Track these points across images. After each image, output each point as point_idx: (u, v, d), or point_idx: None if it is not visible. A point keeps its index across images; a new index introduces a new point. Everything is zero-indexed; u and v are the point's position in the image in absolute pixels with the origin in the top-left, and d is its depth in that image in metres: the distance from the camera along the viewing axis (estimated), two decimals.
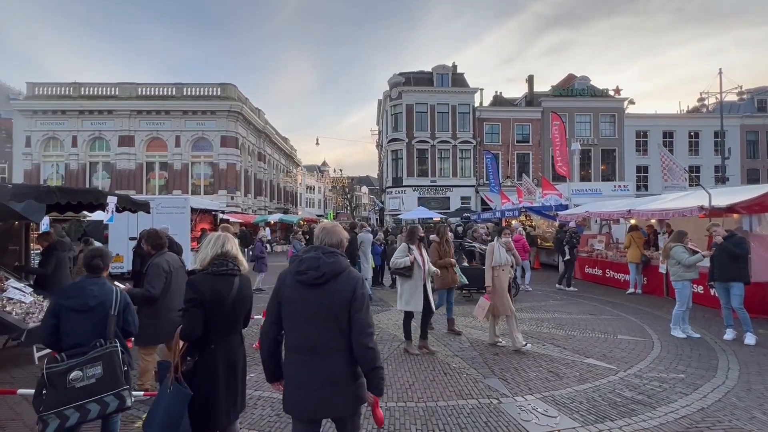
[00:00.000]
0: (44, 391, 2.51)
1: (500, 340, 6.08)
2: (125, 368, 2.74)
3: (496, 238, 6.29)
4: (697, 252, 6.50)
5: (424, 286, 5.67)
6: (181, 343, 2.49)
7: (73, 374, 2.52)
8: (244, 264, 2.67)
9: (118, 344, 2.74)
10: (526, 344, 5.76)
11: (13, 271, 6.39)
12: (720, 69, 21.04)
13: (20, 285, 5.74)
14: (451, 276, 6.67)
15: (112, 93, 29.05)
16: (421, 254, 5.76)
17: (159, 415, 2.34)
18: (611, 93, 34.47)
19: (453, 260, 6.74)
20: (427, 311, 5.75)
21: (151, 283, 4.06)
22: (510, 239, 6.27)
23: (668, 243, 7.00)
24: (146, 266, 4.25)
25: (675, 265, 6.57)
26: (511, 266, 6.11)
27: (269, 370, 2.32)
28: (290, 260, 11.40)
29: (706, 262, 6.64)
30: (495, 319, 6.05)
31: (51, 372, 2.51)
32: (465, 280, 8.00)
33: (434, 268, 6.09)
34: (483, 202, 31.65)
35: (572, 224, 12.36)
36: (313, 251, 2.26)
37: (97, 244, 6.78)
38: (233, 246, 2.66)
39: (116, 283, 4.97)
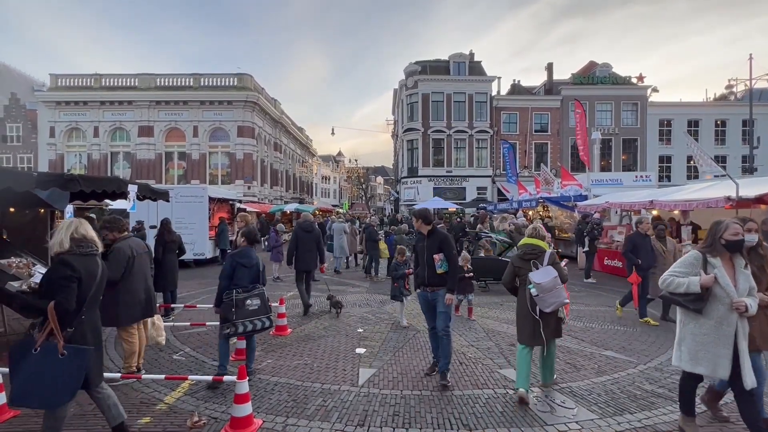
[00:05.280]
0: (233, 309, 4.17)
1: None
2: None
3: None
4: None
5: (735, 336, 2.93)
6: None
7: (248, 301, 4.28)
8: (101, 245, 3.08)
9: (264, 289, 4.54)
10: None
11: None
12: (750, 54, 20.21)
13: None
14: (765, 326, 3.25)
15: (132, 84, 29.54)
16: (733, 275, 3.01)
17: (52, 381, 2.61)
18: (634, 81, 33.43)
19: None
20: (736, 385, 3.00)
21: (110, 267, 4.25)
22: None
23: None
24: (110, 251, 4.41)
25: None
26: None
27: (291, 260, 7.50)
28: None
29: None
30: None
31: (237, 298, 4.23)
32: None
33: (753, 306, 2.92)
34: (499, 193, 31.25)
35: (596, 216, 12.11)
36: (308, 222, 7.80)
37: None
38: (89, 229, 2.97)
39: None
